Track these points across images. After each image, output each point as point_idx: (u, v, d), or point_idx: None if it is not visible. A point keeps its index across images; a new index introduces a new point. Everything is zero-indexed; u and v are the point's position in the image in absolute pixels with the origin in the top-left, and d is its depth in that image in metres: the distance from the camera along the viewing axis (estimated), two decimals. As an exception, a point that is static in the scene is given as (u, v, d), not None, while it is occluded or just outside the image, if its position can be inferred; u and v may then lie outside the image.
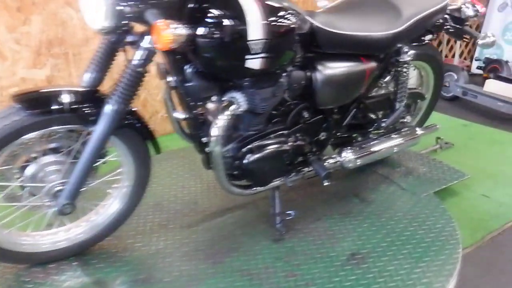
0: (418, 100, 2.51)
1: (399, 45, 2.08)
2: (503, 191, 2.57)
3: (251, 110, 1.77)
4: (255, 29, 1.55)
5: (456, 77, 3.97)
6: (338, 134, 2.19)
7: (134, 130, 1.72)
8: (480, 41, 2.32)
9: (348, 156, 2.17)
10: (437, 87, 2.57)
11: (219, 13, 1.52)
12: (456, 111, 3.84)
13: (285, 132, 1.95)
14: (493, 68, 4.20)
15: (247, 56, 1.59)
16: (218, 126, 1.71)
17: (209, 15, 1.52)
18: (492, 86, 3.74)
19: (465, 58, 4.87)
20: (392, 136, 2.34)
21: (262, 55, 1.61)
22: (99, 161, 1.76)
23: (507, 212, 2.38)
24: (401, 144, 2.34)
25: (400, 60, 2.12)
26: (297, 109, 1.99)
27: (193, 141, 1.85)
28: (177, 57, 1.62)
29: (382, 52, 2.06)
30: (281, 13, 1.65)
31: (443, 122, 3.55)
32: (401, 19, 2.02)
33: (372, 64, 2.03)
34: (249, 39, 1.55)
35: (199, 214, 2.18)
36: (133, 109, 1.71)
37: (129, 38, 1.57)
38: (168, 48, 1.38)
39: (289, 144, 1.95)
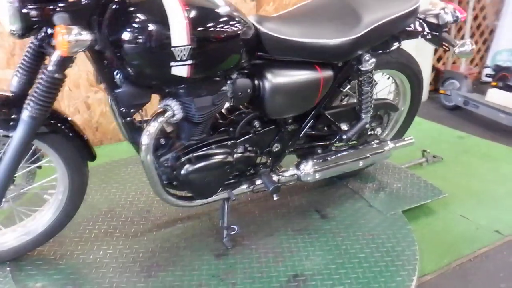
0: (391, 112, 2.37)
1: (360, 53, 1.97)
2: (485, 212, 2.40)
3: (188, 119, 1.70)
4: (179, 35, 1.48)
5: (458, 85, 3.78)
6: (296, 145, 2.09)
7: (61, 136, 1.67)
8: (456, 50, 2.17)
9: (306, 169, 2.07)
10: (415, 97, 2.42)
11: (140, 16, 1.45)
12: (455, 121, 3.64)
13: (230, 142, 1.86)
14: (503, 76, 3.97)
15: (172, 63, 1.51)
16: (148, 134, 1.64)
17: (129, 19, 1.45)
18: (495, 96, 3.52)
19: (476, 65, 4.64)
20: (358, 149, 2.22)
21: (189, 62, 1.53)
22: (30, 166, 1.73)
23: (483, 236, 2.21)
24: (367, 158, 2.22)
25: (362, 69, 1.99)
26: (247, 118, 1.90)
27: (134, 147, 1.79)
28: (104, 62, 1.56)
29: (339, 60, 1.95)
30: (212, 18, 1.57)
31: (438, 133, 3.39)
32: (360, 25, 1.89)
33: (328, 73, 1.92)
34: (172, 45, 1.48)
35: (149, 223, 2.11)
36: (61, 115, 1.67)
37: (53, 42, 1.52)
38: (68, 54, 1.32)
39: (234, 155, 1.86)
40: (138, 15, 1.45)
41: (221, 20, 1.59)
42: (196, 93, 1.67)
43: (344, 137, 2.14)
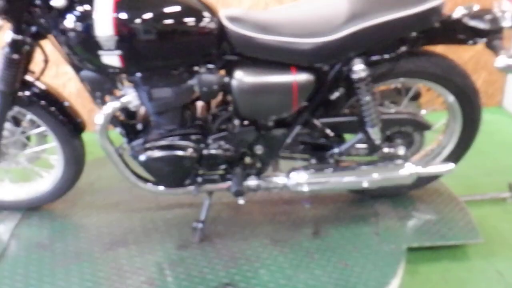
0: (421, 130, 2.01)
1: (347, 57, 1.74)
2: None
3: (146, 107, 1.79)
4: (104, 24, 1.57)
5: None
6: (287, 152, 1.97)
7: (45, 110, 1.94)
8: (496, 62, 1.73)
9: (295, 178, 1.94)
10: (467, 116, 2.00)
11: (69, 5, 1.60)
12: None
13: (199, 137, 1.88)
14: None
15: (100, 52, 1.62)
16: (101, 115, 1.80)
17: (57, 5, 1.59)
18: None
19: None
20: (367, 166, 1.97)
21: (118, 52, 1.61)
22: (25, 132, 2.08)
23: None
24: (375, 179, 1.95)
25: (352, 76, 1.76)
26: (226, 116, 1.89)
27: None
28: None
29: (316, 64, 1.76)
30: (149, 8, 1.60)
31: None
32: (347, 24, 1.67)
33: (305, 77, 1.75)
34: (97, 34, 1.58)
35: (133, 203, 2.25)
36: (47, 91, 1.96)
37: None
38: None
39: (203, 150, 1.88)
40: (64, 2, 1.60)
41: (162, 11, 1.61)
42: (154, 84, 1.75)
43: (336, 150, 1.93)
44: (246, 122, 1.90)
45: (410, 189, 2.22)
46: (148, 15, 1.61)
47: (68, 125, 1.99)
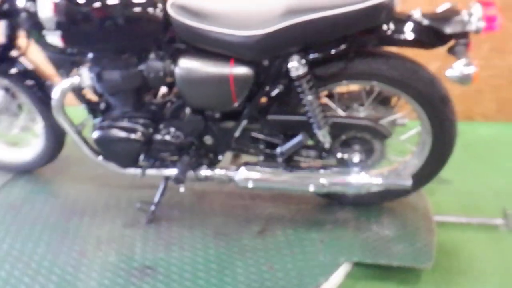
0: (379, 139, 1.85)
1: (284, 52, 1.67)
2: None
3: (97, 88, 1.89)
4: (45, 5, 1.69)
5: None
6: (237, 144, 1.95)
7: (21, 83, 2.15)
8: (447, 72, 1.55)
9: (240, 172, 1.93)
10: (435, 129, 1.82)
11: None
12: None
13: (148, 121, 1.93)
14: None
15: (44, 32, 1.74)
16: (55, 91, 1.94)
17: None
18: None
19: None
20: (315, 170, 1.89)
21: (58, 32, 1.72)
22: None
23: None
24: (321, 185, 1.86)
25: (291, 73, 1.69)
26: (176, 103, 1.92)
27: None
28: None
29: (253, 57, 1.71)
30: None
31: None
32: (282, 17, 1.60)
33: (243, 70, 1.72)
34: (39, 15, 1.70)
35: (104, 178, 2.38)
36: (25, 65, 2.17)
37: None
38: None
39: (152, 135, 1.93)
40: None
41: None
42: (103, 66, 1.84)
43: (277, 151, 1.87)
44: (195, 112, 1.92)
45: (380, 200, 2.10)
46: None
47: (46, 101, 2.15)
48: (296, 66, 1.67)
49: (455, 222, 2.11)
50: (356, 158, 1.89)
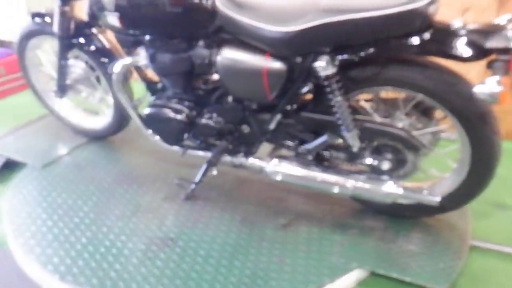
0: (411, 150, 1.77)
1: (314, 51, 1.68)
2: None
3: (151, 68, 2.05)
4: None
5: None
6: (271, 137, 2.01)
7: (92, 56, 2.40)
8: (475, 88, 1.45)
9: (272, 164, 1.99)
10: (475, 146, 1.71)
11: None
12: None
13: (192, 104, 2.07)
14: None
15: (105, 12, 1.94)
16: (116, 66, 2.15)
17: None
18: None
19: None
20: (343, 173, 1.88)
21: (116, 13, 1.90)
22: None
23: None
24: (347, 188, 1.86)
25: (317, 72, 1.69)
26: (220, 90, 2.02)
27: None
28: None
29: (284, 52, 1.75)
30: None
31: None
32: (315, 16, 1.62)
33: (276, 65, 1.76)
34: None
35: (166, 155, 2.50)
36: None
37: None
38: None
39: (195, 118, 2.07)
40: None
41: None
42: (157, 48, 2.00)
43: (305, 147, 1.88)
44: (236, 100, 2.01)
45: (414, 214, 2.03)
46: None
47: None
48: (323, 65, 1.68)
49: (496, 250, 1.98)
50: (385, 165, 1.86)
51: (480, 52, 1.54)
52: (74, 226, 2.03)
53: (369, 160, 1.87)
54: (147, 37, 2.02)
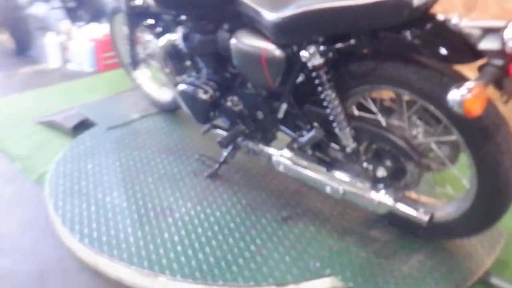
0: (406, 160, 1.56)
1: (303, 41, 1.59)
2: None
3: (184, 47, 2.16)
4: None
5: None
6: (281, 126, 1.97)
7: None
8: (450, 93, 1.23)
9: (277, 154, 1.96)
10: (482, 162, 1.46)
11: None
12: None
13: (216, 85, 2.13)
14: None
15: None
16: (158, 44, 2.31)
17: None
18: None
19: None
20: (338, 173, 1.76)
21: None
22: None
23: None
24: (337, 189, 1.75)
25: (305, 61, 1.61)
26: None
27: None
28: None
29: (277, 39, 1.70)
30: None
31: None
32: (299, 3, 1.54)
33: (275, 52, 1.73)
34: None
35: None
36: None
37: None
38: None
39: (218, 98, 2.12)
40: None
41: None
42: (188, 28, 2.11)
43: (299, 139, 1.78)
44: (253, 86, 2.02)
45: (428, 235, 1.82)
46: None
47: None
48: (307, 55, 1.60)
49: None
50: (380, 172, 1.70)
51: (470, 54, 1.33)
52: (121, 176, 2.28)
53: (365, 164, 1.74)
54: (182, 17, 2.14)
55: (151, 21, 2.54)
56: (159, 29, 2.47)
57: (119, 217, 2.01)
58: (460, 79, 1.45)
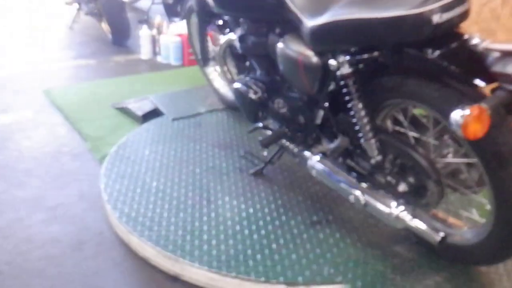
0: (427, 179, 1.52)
1: (333, 49, 1.63)
2: None
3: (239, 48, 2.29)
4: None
5: None
6: (323, 133, 2.00)
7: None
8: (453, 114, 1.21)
9: (311, 159, 2.01)
10: (499, 189, 1.40)
11: None
12: None
13: (268, 88, 2.22)
14: None
15: None
16: (219, 44, 2.44)
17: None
18: None
19: None
20: (363, 185, 1.78)
21: None
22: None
23: None
24: (359, 200, 1.77)
25: (334, 70, 1.65)
26: None
27: None
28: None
29: (311, 47, 1.74)
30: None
31: None
32: (332, 12, 1.59)
33: (309, 58, 1.78)
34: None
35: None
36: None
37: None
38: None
39: (265, 99, 2.21)
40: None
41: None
42: (243, 30, 2.22)
43: (328, 146, 1.81)
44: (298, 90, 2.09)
45: (450, 258, 1.78)
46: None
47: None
48: (335, 64, 1.65)
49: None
50: (401, 187, 1.69)
51: (485, 76, 1.31)
52: (149, 169, 2.45)
53: (388, 178, 1.74)
54: (241, 19, 2.27)
55: (220, 21, 2.70)
56: (227, 30, 2.61)
57: (159, 201, 2.18)
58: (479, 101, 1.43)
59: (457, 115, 1.23)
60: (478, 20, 2.83)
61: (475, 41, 1.36)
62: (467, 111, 1.21)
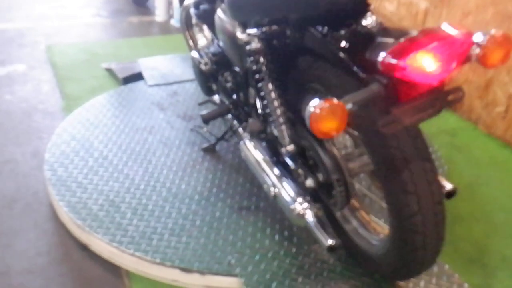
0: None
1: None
2: None
3: None
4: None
5: None
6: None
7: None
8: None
9: (244, 141, 1.87)
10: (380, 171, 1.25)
11: None
12: None
13: (215, 59, 2.09)
14: None
15: None
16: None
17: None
18: None
19: None
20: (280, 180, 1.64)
21: None
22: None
23: None
24: (268, 182, 1.64)
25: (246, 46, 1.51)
26: None
27: None
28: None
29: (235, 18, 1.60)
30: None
31: None
32: None
33: (232, 25, 1.65)
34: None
35: None
36: None
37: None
38: None
39: (214, 71, 2.11)
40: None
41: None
42: None
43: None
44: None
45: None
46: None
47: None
48: (243, 36, 1.50)
49: None
50: (309, 182, 1.54)
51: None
52: (99, 133, 2.41)
53: (299, 170, 1.59)
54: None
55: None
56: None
57: (95, 167, 2.14)
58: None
59: (310, 106, 1.08)
60: (495, 1, 2.53)
61: (367, 21, 1.18)
62: (319, 104, 1.05)
